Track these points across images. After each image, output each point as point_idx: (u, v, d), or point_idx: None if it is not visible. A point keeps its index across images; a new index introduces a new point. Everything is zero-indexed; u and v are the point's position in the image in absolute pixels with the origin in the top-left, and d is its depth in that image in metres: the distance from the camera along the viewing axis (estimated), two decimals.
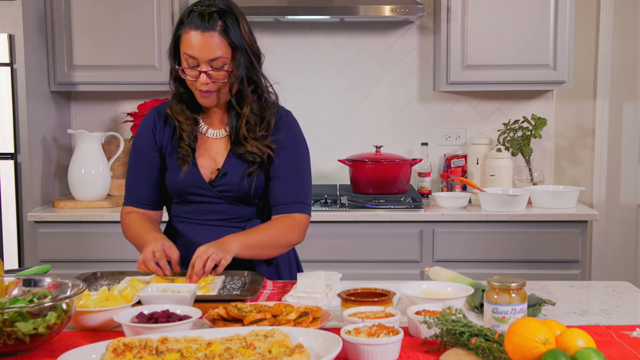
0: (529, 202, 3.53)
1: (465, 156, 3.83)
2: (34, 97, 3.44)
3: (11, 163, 3.34)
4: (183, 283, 1.84)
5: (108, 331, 1.64)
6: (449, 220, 3.39)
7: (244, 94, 2.07)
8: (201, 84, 2.01)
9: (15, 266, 3.34)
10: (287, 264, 2.23)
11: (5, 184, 3.33)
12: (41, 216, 3.38)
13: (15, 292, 1.64)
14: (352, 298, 1.69)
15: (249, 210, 2.15)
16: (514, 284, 1.54)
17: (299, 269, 2.28)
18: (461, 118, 3.95)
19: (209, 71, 2.00)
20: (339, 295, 1.72)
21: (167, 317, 1.56)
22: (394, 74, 3.94)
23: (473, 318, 1.70)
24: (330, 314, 1.65)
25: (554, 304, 1.79)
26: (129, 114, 3.76)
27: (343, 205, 3.44)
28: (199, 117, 2.15)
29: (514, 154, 3.71)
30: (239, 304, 1.65)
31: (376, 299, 1.68)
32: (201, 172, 2.11)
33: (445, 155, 3.90)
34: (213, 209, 2.13)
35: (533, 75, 3.60)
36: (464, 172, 3.80)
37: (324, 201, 3.46)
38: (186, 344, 1.42)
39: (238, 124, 2.09)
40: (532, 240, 3.39)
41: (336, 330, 1.51)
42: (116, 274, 2.04)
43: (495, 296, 1.55)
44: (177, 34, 2.04)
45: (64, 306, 1.50)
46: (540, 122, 3.70)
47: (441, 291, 1.78)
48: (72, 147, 3.82)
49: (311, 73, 3.94)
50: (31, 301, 1.54)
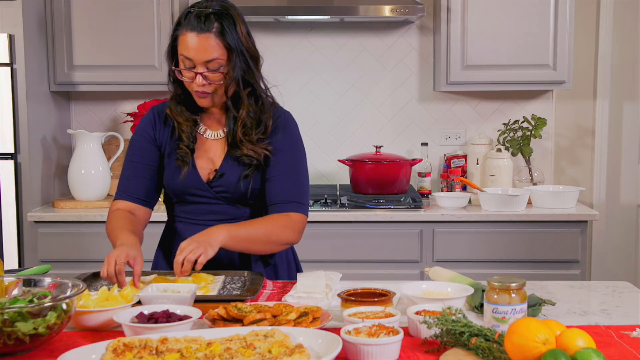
0: (529, 202, 3.53)
1: (465, 156, 3.83)
2: (34, 97, 3.44)
3: (11, 163, 3.34)
4: (183, 283, 1.84)
5: (108, 331, 1.64)
6: (449, 220, 3.39)
7: (240, 97, 2.07)
8: (197, 85, 2.01)
9: (15, 266, 3.34)
10: (286, 265, 2.23)
11: (5, 184, 3.33)
12: (41, 216, 3.38)
13: (15, 292, 1.64)
14: (352, 298, 1.69)
15: (246, 211, 2.15)
16: (514, 284, 1.54)
17: (298, 269, 2.28)
18: (461, 118, 3.95)
19: (204, 73, 2.00)
20: (339, 295, 1.72)
21: (167, 317, 1.56)
22: (394, 74, 3.94)
23: (473, 318, 1.70)
24: (330, 314, 1.65)
25: (554, 304, 1.79)
26: (129, 114, 3.76)
27: (343, 205, 3.44)
28: (198, 118, 2.15)
29: (514, 154, 3.71)
30: (239, 304, 1.65)
31: (376, 299, 1.68)
32: (199, 173, 2.11)
33: (445, 155, 3.90)
34: (211, 209, 2.13)
35: (533, 75, 3.60)
36: (464, 172, 3.80)
37: (324, 201, 3.46)
38: (186, 344, 1.42)
39: (235, 126, 2.09)
40: (532, 240, 3.39)
41: (336, 330, 1.51)
42: None
43: (495, 296, 1.55)
44: (175, 35, 2.04)
45: (64, 306, 1.50)
46: (540, 122, 3.70)
47: (441, 291, 1.78)
48: (72, 147, 3.82)
49: (311, 73, 3.94)
50: (31, 301, 1.54)
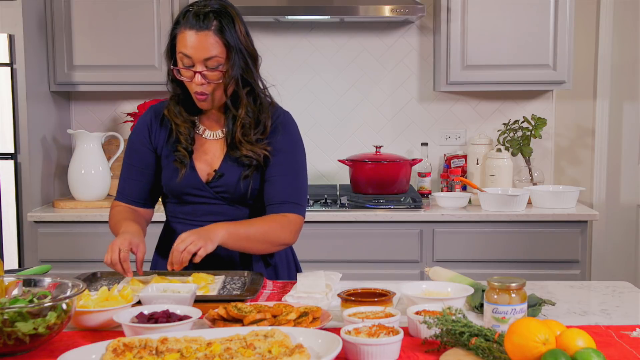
0: (529, 202, 3.53)
1: (465, 156, 3.83)
2: (34, 97, 3.44)
3: (11, 163, 3.34)
4: (180, 283, 1.83)
5: (108, 331, 1.64)
6: (449, 221, 3.39)
7: (239, 96, 2.07)
8: (196, 84, 2.01)
9: (15, 266, 3.34)
10: (286, 265, 2.23)
11: (5, 184, 3.33)
12: (41, 216, 3.38)
13: (15, 292, 1.64)
14: (352, 298, 1.69)
15: (246, 212, 2.14)
16: (514, 284, 1.54)
17: (298, 269, 2.28)
18: (461, 118, 3.95)
19: (203, 71, 2.00)
20: (339, 295, 1.72)
21: (167, 317, 1.56)
22: (394, 74, 3.94)
23: (473, 318, 1.70)
24: (330, 314, 1.65)
25: (554, 304, 1.79)
26: (129, 114, 3.76)
27: (343, 205, 3.44)
28: (197, 119, 2.15)
29: (514, 154, 3.71)
30: (239, 304, 1.65)
31: (376, 299, 1.68)
32: (198, 174, 2.11)
33: (445, 155, 3.90)
34: (210, 209, 2.13)
35: (533, 75, 3.60)
36: (464, 172, 3.80)
37: (324, 201, 3.46)
38: (186, 344, 1.42)
39: (234, 126, 2.09)
40: (532, 240, 3.39)
41: (336, 330, 1.51)
42: (116, 274, 2.03)
43: (495, 296, 1.55)
44: (173, 34, 2.04)
45: (64, 306, 1.50)
46: (540, 122, 3.70)
47: (441, 291, 1.78)
48: (72, 147, 3.82)
49: (311, 73, 3.94)
50: (31, 301, 1.54)
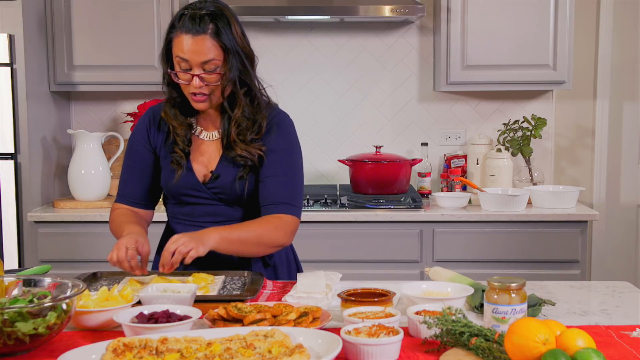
0: (529, 202, 3.53)
1: (465, 156, 3.83)
2: (34, 97, 3.44)
3: (11, 163, 3.34)
4: (180, 283, 1.83)
5: (108, 331, 1.64)
6: (449, 221, 3.39)
7: (236, 97, 2.06)
8: (194, 87, 2.01)
9: (15, 266, 3.34)
10: (286, 265, 2.23)
11: (5, 184, 3.33)
12: (41, 216, 3.38)
13: (15, 292, 1.64)
14: (352, 298, 1.69)
15: (243, 212, 2.14)
16: (514, 284, 1.54)
17: (299, 269, 2.28)
18: (461, 118, 3.95)
19: (201, 74, 1.99)
20: (339, 295, 1.72)
21: (167, 317, 1.56)
22: (394, 74, 3.94)
23: (473, 318, 1.70)
24: (330, 314, 1.65)
25: (554, 304, 1.79)
26: (129, 114, 3.76)
27: (343, 205, 3.44)
28: (193, 121, 2.15)
29: (514, 154, 3.71)
30: (239, 304, 1.65)
31: (376, 299, 1.68)
32: (195, 174, 2.11)
33: (445, 155, 3.90)
34: (208, 210, 2.13)
35: (533, 75, 3.60)
36: (464, 172, 3.80)
37: (324, 201, 3.46)
38: (186, 344, 1.41)
39: (230, 127, 2.08)
40: (532, 240, 3.39)
41: (336, 330, 1.51)
42: (116, 274, 2.04)
43: (495, 296, 1.55)
44: (169, 37, 2.03)
45: (64, 306, 1.50)
46: (540, 122, 3.70)
47: (441, 291, 1.78)
48: (72, 147, 3.82)
49: (311, 73, 3.94)
50: (31, 301, 1.54)
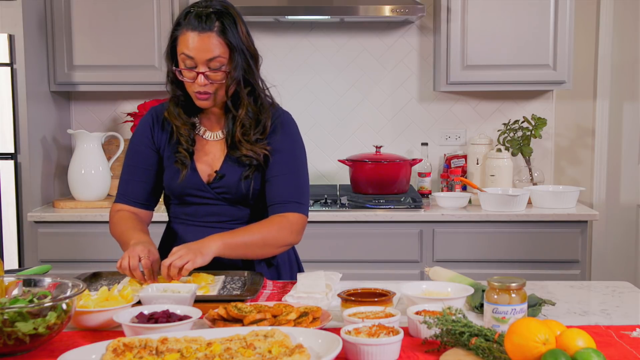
0: (529, 202, 3.53)
1: (465, 156, 3.83)
2: (34, 97, 3.44)
3: (11, 163, 3.34)
4: (180, 283, 1.83)
5: (108, 331, 1.64)
6: (449, 220, 3.39)
7: (240, 96, 2.06)
8: (199, 85, 2.00)
9: (15, 266, 3.34)
10: (288, 266, 2.23)
11: (5, 184, 3.33)
12: (41, 216, 3.38)
13: (15, 292, 1.64)
14: (352, 298, 1.69)
15: (247, 212, 2.14)
16: (514, 284, 1.54)
17: (300, 270, 2.28)
18: (461, 118, 3.95)
19: (206, 72, 1.99)
20: (339, 295, 1.72)
21: (167, 317, 1.56)
22: (394, 74, 3.94)
23: (473, 318, 1.70)
24: (330, 314, 1.65)
25: (554, 304, 1.79)
26: (129, 114, 3.76)
27: (343, 205, 3.44)
28: (197, 120, 2.15)
29: (514, 154, 3.71)
30: (239, 304, 1.65)
31: (376, 299, 1.68)
32: (200, 175, 2.11)
33: (445, 155, 3.90)
34: (212, 210, 2.13)
35: (533, 75, 3.60)
36: (464, 172, 3.80)
37: (324, 201, 3.46)
38: (186, 344, 1.41)
39: (234, 127, 2.08)
40: (532, 240, 3.39)
41: (336, 330, 1.51)
42: (116, 274, 2.04)
43: (495, 296, 1.55)
44: (174, 35, 2.03)
45: (64, 306, 1.49)
46: (540, 122, 3.70)
47: (441, 291, 1.78)
48: (72, 147, 3.82)
49: (311, 73, 3.94)
50: (31, 301, 1.54)
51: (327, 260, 3.35)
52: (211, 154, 2.13)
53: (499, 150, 3.69)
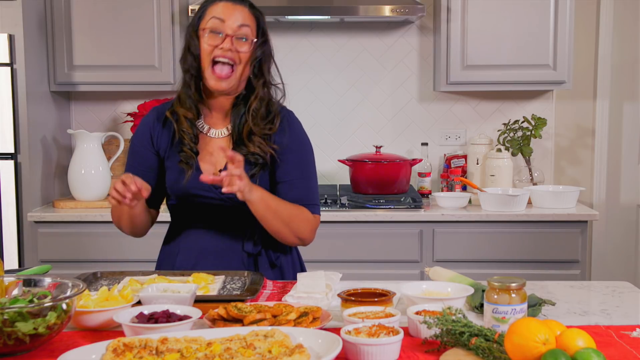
0: (529, 202, 3.53)
1: (465, 156, 3.83)
2: (34, 97, 3.44)
3: (11, 163, 3.34)
4: (180, 283, 1.83)
5: (108, 331, 1.63)
6: (449, 221, 3.39)
7: (254, 86, 2.09)
8: (224, 50, 2.02)
9: (15, 266, 3.34)
10: (291, 267, 2.22)
11: (5, 184, 3.33)
12: (41, 216, 3.38)
13: (15, 292, 1.64)
14: (352, 298, 1.69)
15: (250, 215, 2.09)
16: (514, 284, 1.54)
17: (303, 270, 2.27)
18: (461, 118, 3.95)
19: (234, 36, 2.02)
20: (339, 295, 1.72)
21: (167, 317, 1.56)
22: (394, 74, 3.94)
23: (473, 318, 1.70)
24: (330, 314, 1.65)
25: (554, 304, 1.79)
26: (129, 114, 3.76)
27: (343, 206, 3.44)
28: (202, 109, 2.13)
29: (514, 154, 3.71)
30: (239, 304, 1.65)
31: (376, 299, 1.68)
32: (204, 173, 2.09)
33: (445, 155, 3.90)
34: (216, 210, 2.11)
35: (533, 75, 3.60)
36: (464, 172, 3.80)
37: (324, 201, 3.46)
38: (186, 344, 1.41)
39: (241, 121, 2.08)
40: (532, 240, 3.39)
41: (336, 330, 1.51)
42: (116, 274, 2.04)
43: (495, 296, 1.55)
44: (204, 6, 2.07)
45: (64, 306, 1.49)
46: (540, 122, 3.70)
47: (441, 291, 1.78)
48: (72, 147, 3.82)
49: (311, 73, 3.94)
50: (31, 301, 1.54)
51: (327, 260, 3.35)
52: (215, 152, 2.11)
53: (499, 150, 3.69)
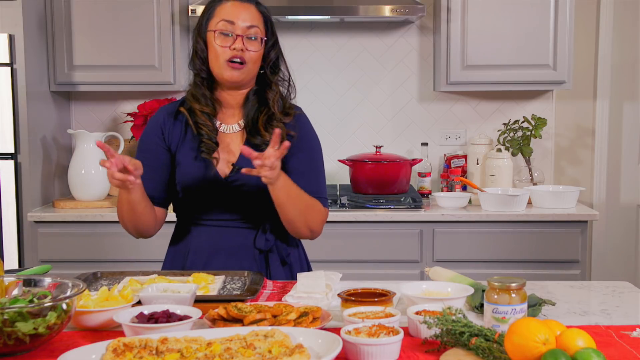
0: (529, 202, 3.53)
1: (465, 156, 3.83)
2: (34, 97, 3.44)
3: (11, 163, 3.34)
4: (180, 283, 1.82)
5: (108, 331, 1.63)
6: (449, 220, 3.39)
7: (269, 80, 2.13)
8: (236, 50, 2.03)
9: (15, 266, 3.34)
10: (299, 265, 2.22)
11: (5, 184, 3.33)
12: (41, 216, 3.38)
13: (15, 292, 1.64)
14: (352, 298, 1.69)
15: (264, 209, 2.09)
16: (514, 284, 1.54)
17: (309, 270, 2.27)
18: (461, 118, 3.95)
19: (245, 36, 2.04)
20: (339, 295, 1.72)
21: (167, 317, 1.56)
22: (394, 74, 3.94)
23: (473, 318, 1.70)
24: (330, 314, 1.65)
25: (554, 304, 1.79)
26: (129, 114, 3.76)
27: (343, 205, 3.44)
28: (215, 103, 2.13)
29: (514, 154, 3.71)
30: (239, 304, 1.65)
31: (376, 299, 1.68)
32: (217, 168, 2.08)
33: (445, 155, 3.90)
34: (228, 206, 2.09)
35: (533, 75, 3.60)
36: (464, 172, 3.80)
37: None
38: (186, 344, 1.41)
39: (256, 114, 2.09)
40: (532, 240, 3.39)
41: (336, 330, 1.51)
42: (116, 274, 2.03)
43: (495, 296, 1.55)
44: (211, 7, 2.08)
45: (64, 306, 1.49)
46: (540, 122, 3.70)
47: (441, 291, 1.78)
48: (72, 147, 3.82)
49: (311, 73, 3.94)
50: (31, 301, 1.54)
51: (327, 260, 3.35)
52: (227, 147, 2.11)
53: (499, 150, 3.69)
